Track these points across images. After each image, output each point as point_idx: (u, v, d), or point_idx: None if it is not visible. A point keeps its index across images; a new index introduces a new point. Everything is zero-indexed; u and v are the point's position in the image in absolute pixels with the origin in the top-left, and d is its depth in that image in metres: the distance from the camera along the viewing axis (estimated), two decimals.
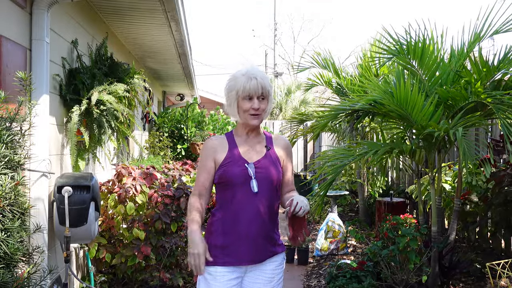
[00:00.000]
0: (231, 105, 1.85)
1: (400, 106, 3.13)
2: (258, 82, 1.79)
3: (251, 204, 1.80)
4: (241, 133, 1.91)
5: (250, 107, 1.81)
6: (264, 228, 1.84)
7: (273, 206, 1.89)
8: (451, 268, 3.50)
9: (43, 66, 2.74)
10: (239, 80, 1.81)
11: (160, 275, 3.44)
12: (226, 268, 1.79)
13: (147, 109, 6.36)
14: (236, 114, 1.85)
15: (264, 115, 1.85)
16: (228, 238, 1.80)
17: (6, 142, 1.89)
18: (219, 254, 1.80)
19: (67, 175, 2.97)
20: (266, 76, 1.86)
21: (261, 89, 1.80)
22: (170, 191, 3.68)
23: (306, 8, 36.88)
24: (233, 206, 1.81)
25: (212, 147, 1.87)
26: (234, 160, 1.83)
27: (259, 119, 1.84)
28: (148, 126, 7.82)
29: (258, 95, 1.81)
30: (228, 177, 1.81)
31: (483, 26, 3.33)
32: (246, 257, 1.81)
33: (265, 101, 1.84)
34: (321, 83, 6.08)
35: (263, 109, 1.83)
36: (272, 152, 1.91)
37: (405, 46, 3.45)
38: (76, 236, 2.87)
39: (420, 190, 3.79)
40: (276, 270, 1.90)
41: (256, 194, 1.80)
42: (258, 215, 1.81)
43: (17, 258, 1.80)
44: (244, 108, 1.82)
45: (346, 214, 7.35)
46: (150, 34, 4.95)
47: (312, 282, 4.19)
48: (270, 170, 1.86)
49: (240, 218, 1.80)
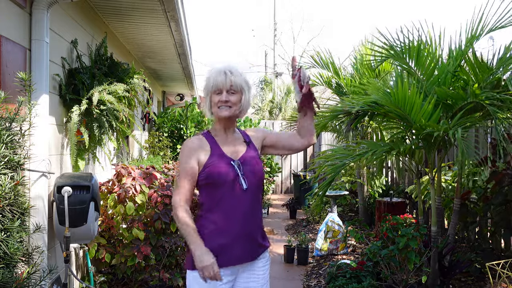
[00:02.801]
0: (206, 103, 1.90)
1: (399, 106, 3.13)
2: (227, 77, 1.82)
3: (242, 201, 1.79)
4: (219, 131, 1.91)
5: (218, 100, 1.83)
6: (256, 223, 1.85)
7: (259, 200, 1.90)
8: (450, 268, 3.50)
9: (43, 66, 2.74)
10: (210, 77, 1.85)
11: (159, 275, 3.45)
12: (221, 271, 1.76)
13: (147, 109, 6.36)
14: (209, 110, 1.88)
15: (235, 108, 1.85)
16: (223, 239, 1.77)
17: (6, 142, 1.89)
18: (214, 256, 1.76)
19: (66, 175, 2.97)
20: (239, 73, 1.87)
21: (229, 82, 1.82)
22: (170, 191, 3.68)
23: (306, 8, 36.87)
24: (224, 206, 1.78)
25: (194, 148, 1.84)
26: (218, 159, 1.81)
27: (229, 111, 1.83)
28: (148, 126, 7.82)
29: (227, 89, 1.83)
30: (216, 177, 1.78)
31: (479, 25, 3.33)
32: (243, 255, 1.80)
33: (236, 95, 1.84)
34: (321, 83, 6.08)
35: (233, 102, 1.83)
36: (252, 146, 1.93)
37: (399, 47, 3.45)
38: (75, 236, 2.87)
39: (420, 190, 3.79)
40: (265, 266, 1.92)
41: (245, 191, 1.80)
42: (249, 211, 1.81)
43: (17, 258, 1.80)
44: (214, 102, 1.85)
45: (346, 214, 7.35)
46: (150, 34, 4.95)
47: (312, 282, 4.19)
48: (254, 165, 1.86)
49: (233, 217, 1.78)
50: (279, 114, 15.77)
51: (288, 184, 11.01)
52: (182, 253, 3.69)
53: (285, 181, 10.99)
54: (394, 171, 6.91)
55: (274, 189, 10.83)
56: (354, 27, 38.61)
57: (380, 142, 3.74)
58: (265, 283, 1.92)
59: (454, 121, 3.03)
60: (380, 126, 4.41)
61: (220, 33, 44.31)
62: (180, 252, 3.65)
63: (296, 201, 7.77)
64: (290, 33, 32.78)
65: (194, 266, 1.76)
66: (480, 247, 4.09)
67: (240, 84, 1.85)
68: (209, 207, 1.81)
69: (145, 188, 3.66)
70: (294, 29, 36.72)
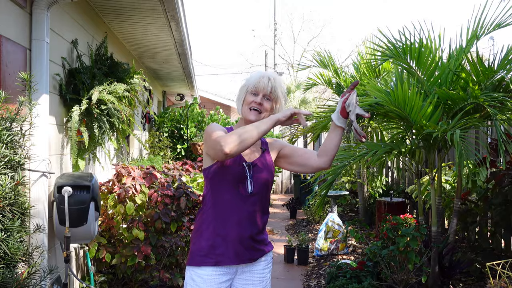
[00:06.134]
0: (239, 99, 1.88)
1: (399, 107, 3.13)
2: (270, 82, 1.82)
3: (244, 204, 1.78)
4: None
5: (252, 101, 1.83)
6: (256, 229, 1.82)
7: (265, 206, 1.88)
8: (451, 268, 3.50)
9: (43, 66, 2.74)
10: (253, 76, 1.86)
11: (160, 275, 3.44)
12: (217, 269, 1.76)
13: (147, 109, 6.36)
14: (240, 108, 1.87)
15: (265, 115, 1.84)
16: (219, 237, 1.77)
17: (6, 142, 1.89)
18: (210, 254, 1.76)
19: (67, 175, 2.97)
20: (281, 82, 1.87)
21: (270, 88, 1.82)
22: (170, 190, 3.68)
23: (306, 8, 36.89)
24: (226, 205, 1.77)
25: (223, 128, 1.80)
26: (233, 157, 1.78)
27: (257, 117, 1.82)
28: (148, 126, 7.82)
29: (264, 93, 1.83)
30: (226, 175, 1.77)
31: (480, 25, 3.33)
32: (237, 257, 1.78)
33: (271, 102, 1.85)
34: (321, 82, 6.09)
35: (266, 108, 1.83)
36: (267, 154, 1.91)
37: (400, 48, 3.45)
38: (76, 236, 2.87)
39: (420, 190, 3.79)
40: (265, 269, 1.90)
41: (250, 194, 1.78)
42: (250, 215, 1.80)
43: (17, 258, 1.80)
44: (247, 101, 1.84)
45: (346, 214, 7.35)
46: (150, 34, 4.95)
47: (312, 282, 4.19)
48: (265, 172, 1.85)
49: (232, 218, 1.77)
50: None
51: (288, 184, 11.01)
52: (182, 253, 3.69)
53: (285, 181, 10.99)
54: (394, 171, 6.91)
55: (274, 189, 10.83)
56: (354, 27, 38.61)
57: (380, 143, 3.74)
58: (265, 287, 1.90)
59: (454, 121, 3.02)
60: (380, 126, 4.41)
61: (220, 33, 44.33)
62: (180, 252, 3.65)
63: (296, 201, 7.77)
64: (290, 33, 32.80)
65: (190, 262, 1.78)
66: (480, 247, 4.09)
67: (279, 93, 1.86)
68: (213, 203, 1.80)
69: (145, 188, 3.66)
70: (294, 29, 36.75)
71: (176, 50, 5.69)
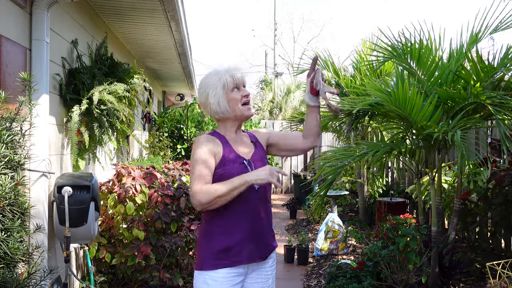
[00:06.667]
0: (219, 103, 1.76)
1: (399, 107, 3.13)
2: (243, 75, 1.81)
3: (253, 201, 1.78)
4: (229, 130, 1.84)
5: (241, 95, 1.79)
6: (267, 223, 1.84)
7: (269, 200, 1.90)
8: (451, 268, 3.50)
9: (43, 66, 2.74)
10: (223, 74, 1.77)
11: (160, 275, 3.44)
12: (231, 271, 1.74)
13: (147, 109, 6.36)
14: (228, 109, 1.77)
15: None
16: (232, 238, 1.74)
17: (6, 142, 1.89)
18: (223, 256, 1.73)
19: (67, 175, 2.97)
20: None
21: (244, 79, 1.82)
22: (170, 190, 3.68)
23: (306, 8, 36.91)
24: (235, 205, 1.74)
25: (210, 142, 1.76)
26: (232, 159, 1.78)
27: (252, 110, 1.84)
28: (148, 126, 7.82)
29: (243, 83, 1.82)
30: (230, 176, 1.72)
31: (481, 26, 3.33)
32: (252, 255, 1.77)
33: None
34: None
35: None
36: (259, 146, 1.92)
37: (401, 48, 3.45)
38: (76, 236, 2.87)
39: (420, 190, 3.79)
40: (272, 266, 1.91)
41: (257, 191, 1.78)
42: (260, 211, 1.80)
43: (17, 258, 1.79)
44: (234, 99, 1.78)
45: (346, 214, 7.35)
46: (150, 34, 4.96)
47: (312, 282, 4.19)
48: (262, 164, 1.84)
49: (244, 216, 1.76)
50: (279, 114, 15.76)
51: (288, 184, 11.01)
52: (182, 253, 3.69)
53: (285, 181, 10.99)
54: (394, 171, 6.91)
55: (274, 189, 10.82)
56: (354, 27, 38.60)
57: (381, 143, 3.74)
58: (272, 283, 1.91)
59: (454, 122, 3.02)
60: (380, 126, 4.41)
61: (220, 33, 44.33)
62: (180, 252, 3.65)
63: (296, 201, 7.77)
64: (290, 33, 32.79)
65: (203, 266, 1.73)
66: (480, 247, 4.09)
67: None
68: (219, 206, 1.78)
69: (145, 188, 3.66)
70: (294, 29, 36.76)
71: (176, 50, 5.70)
